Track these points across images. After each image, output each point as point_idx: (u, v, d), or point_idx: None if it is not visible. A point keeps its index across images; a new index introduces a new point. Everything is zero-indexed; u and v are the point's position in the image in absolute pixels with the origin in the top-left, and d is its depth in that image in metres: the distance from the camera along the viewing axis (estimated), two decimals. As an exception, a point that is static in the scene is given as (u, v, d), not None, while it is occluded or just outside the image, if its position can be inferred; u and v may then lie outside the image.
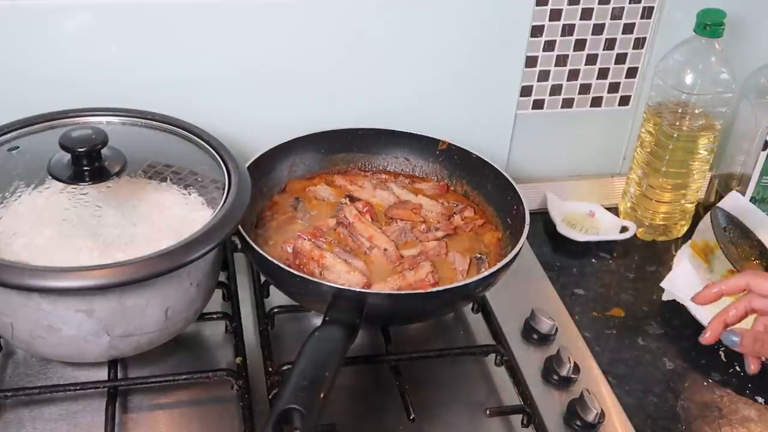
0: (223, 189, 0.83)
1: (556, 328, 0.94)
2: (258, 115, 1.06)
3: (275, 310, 0.91)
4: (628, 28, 1.12)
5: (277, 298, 0.92)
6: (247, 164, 0.92)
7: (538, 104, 1.16)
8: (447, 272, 0.91)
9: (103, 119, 0.91)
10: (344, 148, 1.06)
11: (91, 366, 0.85)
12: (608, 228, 1.14)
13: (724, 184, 1.17)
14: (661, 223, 1.13)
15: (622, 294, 1.04)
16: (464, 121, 1.12)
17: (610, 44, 1.13)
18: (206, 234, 0.76)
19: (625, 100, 1.19)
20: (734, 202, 1.10)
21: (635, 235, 1.12)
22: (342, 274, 0.88)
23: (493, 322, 0.94)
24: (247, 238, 0.85)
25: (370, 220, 0.96)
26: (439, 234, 0.96)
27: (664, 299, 1.02)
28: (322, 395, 0.68)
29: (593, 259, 1.10)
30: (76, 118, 0.90)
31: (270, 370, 0.84)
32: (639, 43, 1.14)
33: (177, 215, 0.80)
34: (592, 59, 1.14)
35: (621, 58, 1.15)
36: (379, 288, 0.87)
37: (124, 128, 0.91)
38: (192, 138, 0.90)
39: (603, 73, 1.15)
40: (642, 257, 1.11)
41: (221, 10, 0.98)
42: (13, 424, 0.80)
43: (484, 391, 0.89)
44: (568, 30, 1.10)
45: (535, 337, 0.94)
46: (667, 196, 1.11)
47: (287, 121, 1.03)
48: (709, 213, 1.08)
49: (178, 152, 0.89)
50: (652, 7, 1.11)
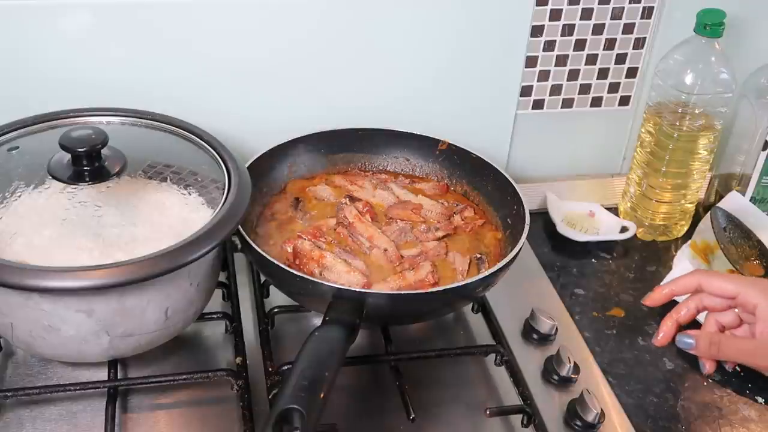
0: (223, 189, 0.83)
1: (556, 328, 0.94)
2: (258, 115, 1.06)
3: (275, 310, 0.91)
4: (628, 28, 1.12)
5: (277, 298, 0.92)
6: (247, 164, 0.92)
7: (538, 104, 1.16)
8: (447, 272, 0.91)
9: (103, 119, 0.91)
10: (344, 148, 1.06)
11: (91, 366, 0.85)
12: (608, 228, 1.14)
13: (724, 184, 1.17)
14: (661, 223, 1.13)
15: (622, 294, 1.04)
16: (464, 121, 1.12)
17: (610, 44, 1.13)
18: (206, 234, 0.76)
19: (625, 100, 1.19)
20: (734, 202, 1.10)
21: (635, 235, 1.12)
22: (342, 274, 0.88)
23: (493, 322, 0.94)
24: (247, 238, 0.85)
25: (370, 220, 0.96)
26: (439, 234, 0.96)
27: (663, 299, 1.02)
28: (322, 395, 0.68)
29: (593, 259, 1.10)
30: (76, 118, 0.90)
31: (270, 370, 0.84)
32: (639, 43, 1.14)
33: (177, 215, 0.80)
34: (592, 59, 1.14)
35: (621, 58, 1.15)
36: (379, 288, 0.87)
37: (124, 128, 0.91)
38: (192, 138, 0.90)
39: (603, 73, 1.15)
40: (642, 257, 1.11)
41: (221, 10, 0.98)
42: (13, 424, 0.80)
43: (484, 391, 0.89)
44: (568, 30, 1.10)
45: (535, 337, 0.94)
46: (667, 196, 1.11)
47: (287, 121, 1.03)
48: (709, 213, 1.08)
49: (178, 152, 0.89)
50: (652, 7, 1.11)
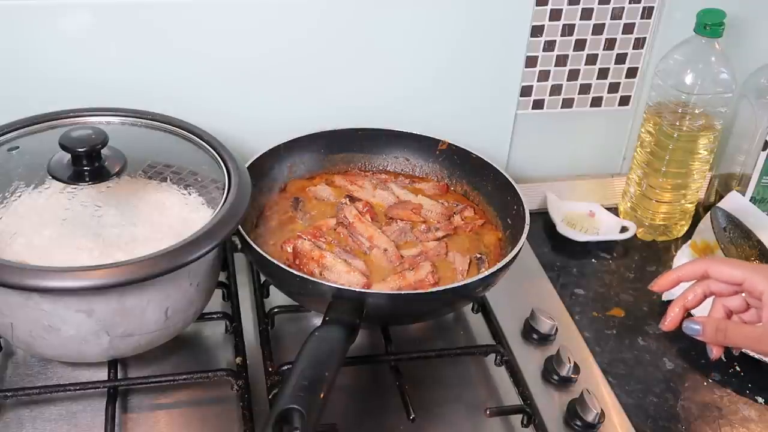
0: (223, 189, 0.83)
1: (556, 328, 0.94)
2: (258, 115, 1.06)
3: (275, 310, 0.91)
4: (628, 28, 1.12)
5: (277, 298, 0.92)
6: (247, 164, 0.92)
7: (538, 104, 1.16)
8: (447, 272, 0.91)
9: (103, 119, 0.91)
10: (344, 148, 1.06)
11: (91, 366, 0.85)
12: (608, 228, 1.14)
13: (724, 184, 1.17)
14: (661, 223, 1.13)
15: (622, 294, 1.04)
16: (464, 121, 1.12)
17: (610, 44, 1.13)
18: (206, 234, 0.76)
19: (625, 100, 1.19)
20: (734, 202, 1.10)
21: (635, 235, 1.12)
22: (342, 274, 0.88)
23: (493, 322, 0.94)
24: (247, 238, 0.85)
25: (370, 220, 0.96)
26: (439, 234, 0.96)
27: (664, 299, 1.02)
28: (322, 395, 0.68)
29: (593, 259, 1.10)
30: (76, 118, 0.90)
31: (270, 370, 0.84)
32: (639, 43, 1.14)
33: (177, 215, 0.80)
34: (592, 59, 1.14)
35: (621, 58, 1.15)
36: (379, 288, 0.87)
37: (124, 128, 0.91)
38: (192, 138, 0.90)
39: (603, 73, 1.15)
40: (642, 257, 1.11)
41: (221, 10, 0.98)
42: (13, 424, 0.80)
43: (484, 391, 0.89)
44: (568, 30, 1.10)
45: (535, 337, 0.94)
46: (667, 196, 1.11)
47: (287, 121, 1.03)
48: (709, 213, 1.08)
49: (178, 152, 0.89)
50: (652, 7, 1.11)
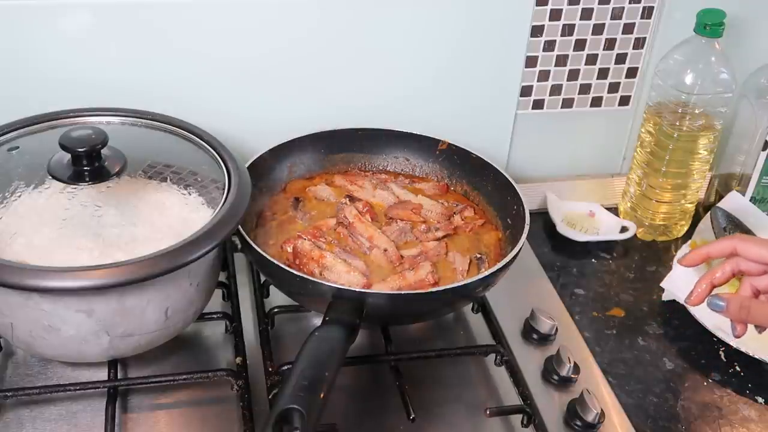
0: (223, 189, 0.83)
1: (556, 328, 0.94)
2: (258, 115, 1.06)
3: (275, 310, 0.91)
4: (628, 28, 1.12)
5: (277, 298, 0.92)
6: (247, 164, 0.92)
7: (538, 104, 1.16)
8: (447, 272, 0.91)
9: (103, 119, 0.91)
10: (344, 148, 1.06)
11: (91, 366, 0.85)
12: (608, 228, 1.14)
13: (724, 184, 1.17)
14: (661, 223, 1.13)
15: (622, 294, 1.04)
16: (464, 121, 1.12)
17: (610, 44, 1.13)
18: (206, 234, 0.76)
19: (625, 100, 1.19)
20: (734, 202, 1.10)
21: (635, 235, 1.12)
22: (342, 274, 0.88)
23: (493, 322, 0.94)
24: (247, 238, 0.85)
25: (370, 220, 0.96)
26: (439, 234, 0.96)
27: (664, 299, 1.02)
28: (322, 395, 0.68)
29: (593, 259, 1.10)
30: (76, 118, 0.90)
31: (270, 370, 0.84)
32: (639, 43, 1.14)
33: (177, 215, 0.80)
34: (592, 59, 1.14)
35: (621, 58, 1.15)
36: (379, 288, 0.87)
37: (124, 128, 0.91)
38: (192, 138, 0.90)
39: (603, 73, 1.15)
40: (642, 257, 1.11)
41: (222, 10, 0.98)
42: (13, 424, 0.80)
43: (484, 391, 0.89)
44: (568, 30, 1.10)
45: (535, 337, 0.94)
46: (667, 196, 1.11)
47: (287, 121, 1.03)
48: (709, 213, 1.08)
49: (178, 152, 0.89)
50: (652, 7, 1.11)
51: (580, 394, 0.84)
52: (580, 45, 1.12)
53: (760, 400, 0.90)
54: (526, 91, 1.14)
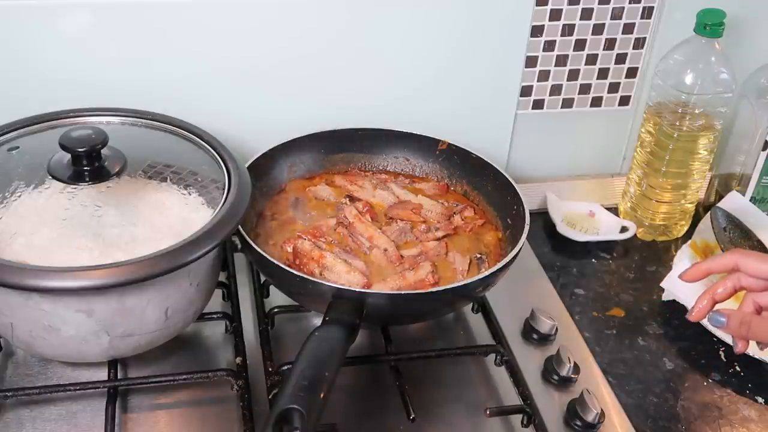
0: (223, 189, 0.83)
1: (556, 328, 0.94)
2: (258, 115, 1.06)
3: (275, 310, 0.91)
4: (628, 28, 1.12)
5: (277, 298, 0.92)
6: (247, 164, 0.92)
7: (538, 104, 1.16)
8: (447, 272, 0.91)
9: (103, 119, 0.91)
10: (344, 148, 1.06)
11: (91, 366, 0.85)
12: (608, 228, 1.14)
13: (724, 184, 1.17)
14: (661, 223, 1.13)
15: (622, 294, 1.04)
16: (464, 121, 1.12)
17: (610, 44, 1.13)
18: (206, 234, 0.76)
19: (625, 100, 1.19)
20: (734, 202, 1.10)
21: (635, 235, 1.12)
22: (342, 274, 0.88)
23: (493, 322, 0.94)
24: (247, 238, 0.85)
25: (370, 220, 0.96)
26: (439, 234, 0.96)
27: (664, 299, 1.02)
28: (322, 395, 0.68)
29: (593, 259, 1.10)
30: (76, 118, 0.90)
31: (270, 370, 0.84)
32: (639, 43, 1.14)
33: (177, 215, 0.80)
34: (592, 59, 1.14)
35: (621, 58, 1.15)
36: (379, 288, 0.87)
37: (124, 128, 0.91)
38: (192, 138, 0.90)
39: (603, 73, 1.15)
40: (642, 257, 1.11)
41: (222, 10, 0.98)
42: (13, 424, 0.80)
43: (484, 391, 0.89)
44: (568, 30, 1.10)
45: (535, 337, 0.94)
46: (667, 196, 1.11)
47: (287, 121, 1.03)
48: (709, 213, 1.08)
49: (178, 152, 0.89)
50: (652, 7, 1.11)
51: (580, 394, 0.84)
52: (580, 45, 1.12)
53: (760, 400, 0.90)
54: (526, 91, 1.14)
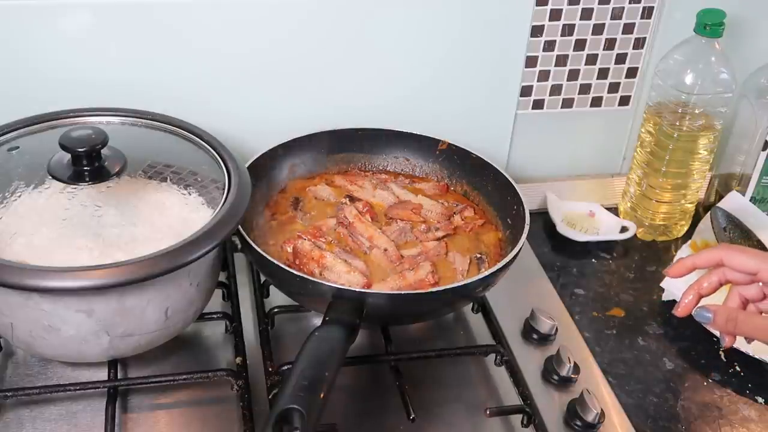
0: (223, 189, 0.83)
1: (556, 328, 0.94)
2: (258, 115, 1.06)
3: (275, 310, 0.91)
4: (628, 28, 1.12)
5: (277, 298, 0.92)
6: (247, 164, 0.92)
7: (538, 104, 1.16)
8: (447, 272, 0.91)
9: (103, 119, 0.91)
10: (344, 148, 1.06)
11: (91, 366, 0.85)
12: (608, 228, 1.14)
13: (724, 184, 1.17)
14: (661, 223, 1.13)
15: (622, 294, 1.04)
16: (464, 121, 1.12)
17: (610, 44, 1.13)
18: (206, 234, 0.76)
19: (625, 100, 1.19)
20: (734, 202, 1.10)
21: (635, 235, 1.12)
22: (342, 274, 0.88)
23: (493, 322, 0.94)
24: (247, 238, 0.85)
25: (370, 220, 0.96)
26: (439, 234, 0.96)
27: (664, 299, 1.02)
28: (322, 395, 0.68)
29: (593, 259, 1.10)
30: (76, 118, 0.90)
31: (270, 370, 0.84)
32: (639, 43, 1.14)
33: (177, 215, 0.80)
34: (592, 59, 1.14)
35: (621, 58, 1.15)
36: (379, 288, 0.87)
37: (124, 128, 0.91)
38: (192, 138, 0.90)
39: (603, 73, 1.15)
40: (642, 257, 1.11)
41: (222, 10, 0.98)
42: (13, 424, 0.80)
43: (484, 391, 0.89)
44: (568, 30, 1.10)
45: (535, 337, 0.94)
46: (667, 196, 1.11)
47: (287, 121, 1.03)
48: (709, 213, 1.08)
49: (178, 152, 0.89)
50: (652, 7, 1.11)
51: (580, 394, 0.84)
52: (580, 45, 1.12)
53: (760, 400, 0.90)
54: (526, 91, 1.14)
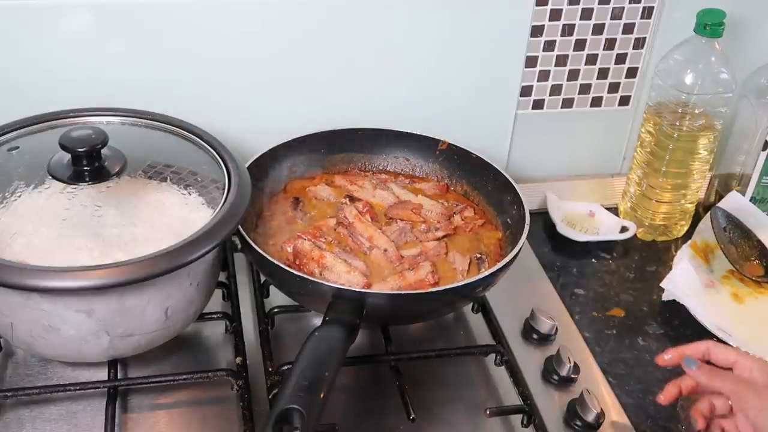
0: (223, 189, 0.83)
1: (556, 328, 0.94)
2: (258, 115, 1.06)
3: (275, 310, 0.91)
4: (628, 28, 1.12)
5: (277, 298, 0.92)
6: (247, 164, 0.92)
7: (538, 104, 1.16)
8: (447, 272, 0.91)
9: (103, 119, 0.91)
10: (344, 148, 1.05)
11: (91, 366, 0.85)
12: (608, 228, 1.14)
13: (724, 184, 1.17)
14: (661, 223, 1.13)
15: (622, 294, 1.04)
16: (464, 121, 1.12)
17: (610, 44, 1.13)
18: (206, 234, 0.76)
19: (625, 100, 1.19)
20: (734, 202, 1.10)
21: (635, 235, 1.12)
22: (342, 274, 0.88)
23: (493, 322, 0.94)
24: (247, 238, 0.85)
25: (370, 220, 0.96)
26: (439, 234, 0.96)
27: (664, 299, 1.02)
28: (322, 395, 0.68)
29: (593, 259, 1.10)
30: (76, 118, 0.90)
31: (270, 370, 0.84)
32: (639, 43, 1.14)
33: (177, 215, 0.80)
34: (592, 59, 1.14)
35: (621, 58, 1.15)
36: (379, 288, 0.87)
37: (124, 128, 0.91)
38: (192, 138, 0.90)
39: (603, 73, 1.15)
40: (642, 257, 1.11)
41: (222, 11, 0.98)
42: (13, 424, 0.80)
43: (484, 391, 0.89)
44: (568, 30, 1.10)
45: (535, 337, 0.94)
46: (667, 196, 1.11)
47: (287, 121, 1.03)
48: (709, 213, 1.08)
49: (178, 152, 0.89)
50: (652, 7, 1.11)
51: (580, 394, 0.84)
52: (580, 45, 1.12)
53: (760, 400, 0.90)
54: (526, 91, 1.14)
